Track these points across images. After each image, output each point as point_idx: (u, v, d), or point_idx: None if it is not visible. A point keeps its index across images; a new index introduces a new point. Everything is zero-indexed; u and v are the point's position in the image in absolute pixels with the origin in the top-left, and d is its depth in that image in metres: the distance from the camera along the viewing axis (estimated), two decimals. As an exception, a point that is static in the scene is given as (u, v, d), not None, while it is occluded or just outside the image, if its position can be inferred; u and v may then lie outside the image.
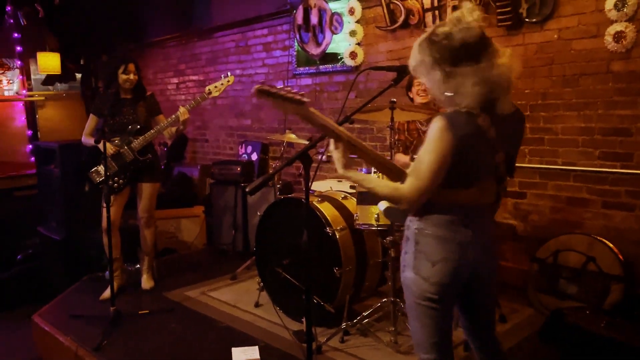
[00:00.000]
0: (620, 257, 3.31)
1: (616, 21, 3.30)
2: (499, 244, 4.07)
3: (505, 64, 1.70)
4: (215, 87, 4.01)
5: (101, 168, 3.86)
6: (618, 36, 3.29)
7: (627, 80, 3.34)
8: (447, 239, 1.77)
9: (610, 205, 3.48)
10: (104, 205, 3.82)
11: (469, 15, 1.68)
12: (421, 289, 1.78)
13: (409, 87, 3.81)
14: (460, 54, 1.66)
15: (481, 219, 1.83)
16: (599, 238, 3.41)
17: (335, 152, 1.82)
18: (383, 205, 2.05)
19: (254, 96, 1.72)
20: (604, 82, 3.44)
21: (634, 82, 3.31)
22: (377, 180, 1.85)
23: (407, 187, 1.72)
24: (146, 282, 4.16)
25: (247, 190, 1.96)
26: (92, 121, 3.99)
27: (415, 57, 1.76)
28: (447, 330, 1.86)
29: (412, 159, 1.88)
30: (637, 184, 3.34)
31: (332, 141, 1.82)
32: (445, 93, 1.72)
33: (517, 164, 3.85)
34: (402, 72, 2.06)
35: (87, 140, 3.95)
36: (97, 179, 3.89)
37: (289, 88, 1.81)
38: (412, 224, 1.83)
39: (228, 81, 4.06)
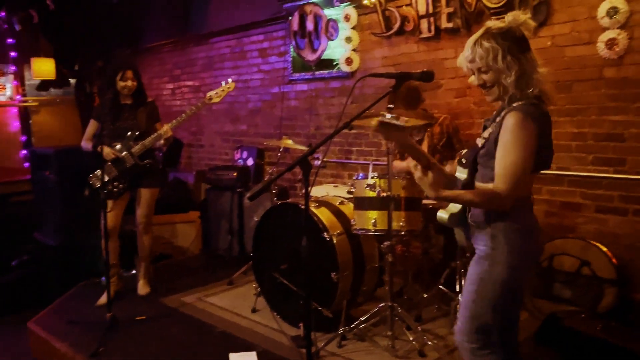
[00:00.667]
0: (614, 261, 3.35)
1: (609, 28, 3.34)
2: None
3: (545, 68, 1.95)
4: (216, 93, 4.04)
5: (100, 173, 3.86)
6: (611, 43, 3.34)
7: (620, 86, 3.38)
8: (530, 231, 1.94)
9: (604, 210, 3.52)
10: (107, 210, 3.86)
11: (522, 15, 1.91)
12: (513, 281, 1.91)
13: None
14: (522, 43, 1.89)
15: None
16: (593, 242, 3.45)
17: (425, 178, 1.87)
18: (445, 213, 2.09)
19: (375, 130, 1.84)
20: (597, 88, 3.48)
21: (626, 88, 3.36)
22: (470, 193, 1.93)
23: (503, 186, 1.82)
24: (142, 288, 4.16)
25: (247, 196, 1.99)
26: (92, 126, 4.00)
27: (477, 50, 1.89)
28: (516, 318, 2.03)
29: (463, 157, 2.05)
30: (630, 189, 3.38)
31: (419, 169, 1.87)
32: (515, 78, 1.85)
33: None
34: (401, 79, 2.08)
35: (87, 145, 3.97)
36: (97, 183, 3.89)
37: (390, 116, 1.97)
38: (497, 221, 1.91)
39: (229, 87, 4.09)
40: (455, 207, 2.07)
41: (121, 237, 4.16)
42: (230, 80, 4.12)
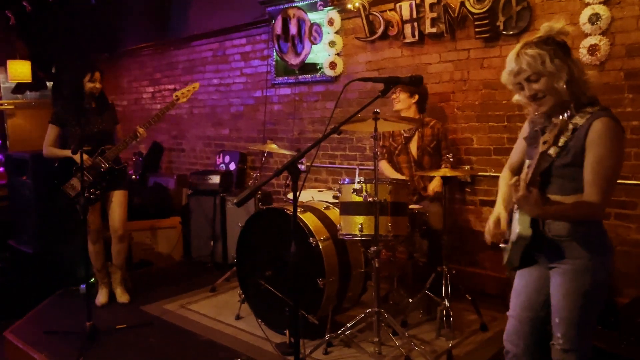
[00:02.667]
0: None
1: (590, 34, 3.39)
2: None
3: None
4: (182, 93, 4.05)
5: (75, 181, 3.78)
6: (592, 49, 3.38)
7: (601, 91, 3.41)
8: (605, 231, 1.95)
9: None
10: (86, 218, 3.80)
11: (556, 24, 1.88)
12: (608, 277, 1.94)
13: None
14: (565, 48, 1.86)
15: None
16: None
17: (531, 196, 1.77)
18: (525, 230, 1.91)
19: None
20: (579, 93, 3.52)
21: (607, 94, 3.40)
22: (566, 206, 1.86)
23: (599, 195, 1.79)
24: (122, 296, 4.08)
25: (235, 202, 1.94)
26: (54, 131, 3.86)
27: (523, 59, 1.84)
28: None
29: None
30: (613, 193, 3.42)
31: (522, 186, 1.77)
32: (566, 82, 1.81)
33: (497, 174, 3.92)
34: (389, 83, 2.07)
35: (54, 151, 3.85)
36: (72, 193, 3.80)
37: None
38: (589, 231, 1.88)
39: (194, 87, 4.12)
40: (525, 231, 1.90)
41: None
42: (192, 81, 4.15)
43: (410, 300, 3.53)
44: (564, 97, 1.84)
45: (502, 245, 2.06)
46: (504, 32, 3.75)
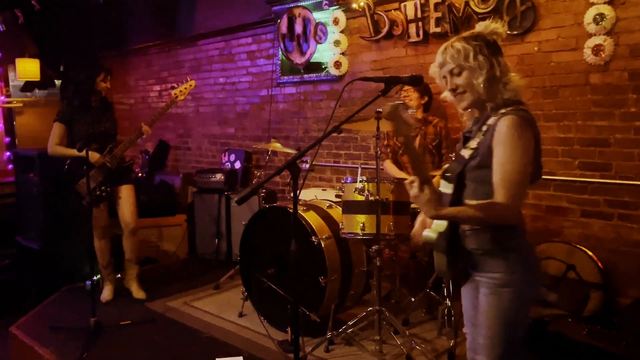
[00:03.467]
0: (600, 265, 3.38)
1: (595, 35, 3.38)
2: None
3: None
4: (180, 91, 4.10)
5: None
6: (597, 49, 3.37)
7: (605, 92, 3.42)
8: (531, 242, 1.88)
9: (589, 214, 3.54)
10: (94, 215, 3.92)
11: (492, 23, 1.86)
12: (534, 296, 1.88)
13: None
14: (494, 47, 1.83)
15: None
16: (578, 246, 3.47)
17: (423, 195, 1.71)
18: (432, 233, 1.88)
19: (385, 115, 1.79)
20: (583, 93, 3.51)
21: (611, 94, 3.39)
22: (471, 208, 1.75)
23: (506, 197, 1.68)
24: (138, 292, 4.12)
25: (235, 200, 1.95)
26: (60, 130, 3.91)
27: (448, 52, 1.83)
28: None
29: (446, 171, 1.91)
30: (615, 194, 3.41)
31: (415, 185, 1.72)
32: (486, 80, 1.79)
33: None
34: (389, 83, 2.08)
35: (61, 150, 3.89)
36: (84, 191, 3.84)
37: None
38: (508, 243, 1.79)
39: (190, 85, 4.16)
40: (442, 226, 1.87)
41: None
42: (188, 79, 4.21)
43: (412, 299, 3.55)
44: (482, 95, 1.81)
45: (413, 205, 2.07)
46: (508, 32, 3.74)
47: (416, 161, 1.77)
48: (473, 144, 1.83)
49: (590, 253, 3.42)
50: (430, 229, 1.91)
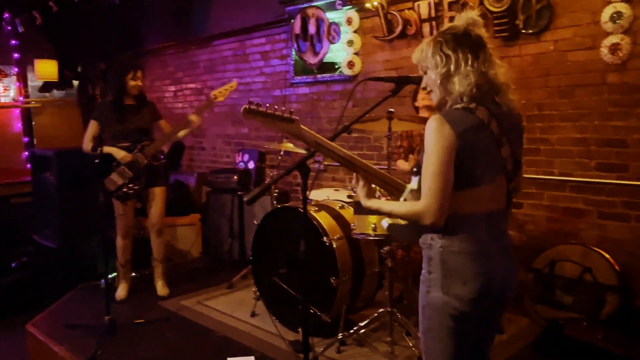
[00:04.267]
0: (617, 267, 3.32)
1: (612, 33, 3.32)
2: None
3: (505, 67, 1.78)
4: (220, 92, 4.06)
5: (115, 177, 3.89)
6: (614, 48, 3.31)
7: (622, 91, 3.36)
8: (476, 254, 1.70)
9: (606, 216, 3.49)
10: (119, 213, 3.95)
11: (473, 13, 1.78)
12: (453, 309, 1.70)
13: (414, 97, 3.90)
14: (462, 41, 1.72)
15: (501, 227, 1.80)
16: (595, 248, 3.42)
17: (357, 186, 1.88)
18: (386, 222, 1.94)
19: (244, 117, 1.71)
20: (600, 93, 3.46)
21: (628, 94, 3.33)
22: (393, 204, 1.80)
23: (423, 199, 1.65)
24: (161, 289, 4.18)
25: (245, 199, 1.97)
26: (94, 127, 3.98)
27: (417, 50, 1.80)
28: (467, 351, 1.79)
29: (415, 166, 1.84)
30: (633, 195, 3.35)
31: (356, 176, 1.88)
32: (440, 77, 1.73)
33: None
34: (400, 82, 2.07)
35: (89, 146, 3.94)
36: (112, 187, 3.90)
37: (276, 107, 1.85)
38: (435, 243, 1.73)
39: (231, 86, 4.13)
40: (401, 220, 1.87)
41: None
42: (233, 80, 4.20)
43: (425, 301, 3.51)
44: (441, 93, 1.76)
45: None
46: (524, 31, 3.70)
47: (338, 157, 1.89)
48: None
49: (606, 255, 3.37)
50: (392, 218, 1.93)
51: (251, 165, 5.76)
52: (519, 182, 1.82)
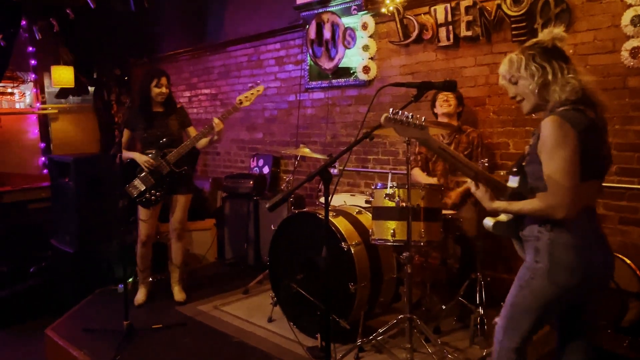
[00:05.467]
0: (639, 273, 3.27)
1: (633, 37, 3.28)
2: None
3: (590, 75, 1.98)
4: (246, 97, 4.01)
5: (138, 182, 3.92)
6: (635, 52, 3.27)
7: (638, 96, 3.32)
8: (581, 247, 1.88)
9: (628, 222, 3.44)
10: (141, 219, 3.97)
11: (555, 29, 1.99)
12: (552, 294, 1.91)
13: (433, 104, 3.90)
14: (553, 54, 1.93)
15: (597, 220, 2.00)
16: (616, 254, 3.37)
17: (478, 191, 2.01)
18: (490, 221, 2.08)
19: (384, 124, 1.87)
20: (621, 97, 3.42)
21: (649, 98, 3.29)
22: (519, 203, 1.94)
23: (551, 195, 1.82)
24: (178, 294, 4.19)
25: (267, 206, 1.96)
26: (127, 135, 4.05)
27: (506, 62, 2.00)
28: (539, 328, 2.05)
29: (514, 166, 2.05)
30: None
31: (471, 182, 2.01)
32: (538, 86, 1.91)
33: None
34: (422, 88, 2.06)
35: (125, 154, 3.98)
36: (134, 193, 3.93)
37: (409, 114, 1.97)
38: (542, 235, 1.90)
39: (258, 90, 4.07)
40: (505, 216, 2.05)
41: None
42: (259, 82, 4.14)
43: (443, 307, 3.49)
44: (537, 100, 1.94)
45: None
46: (542, 35, 3.67)
47: (456, 162, 1.96)
48: (531, 140, 1.97)
49: (628, 261, 3.31)
50: (493, 217, 2.09)
51: (266, 170, 5.77)
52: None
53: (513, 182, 2.01)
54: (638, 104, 3.34)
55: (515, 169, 2.00)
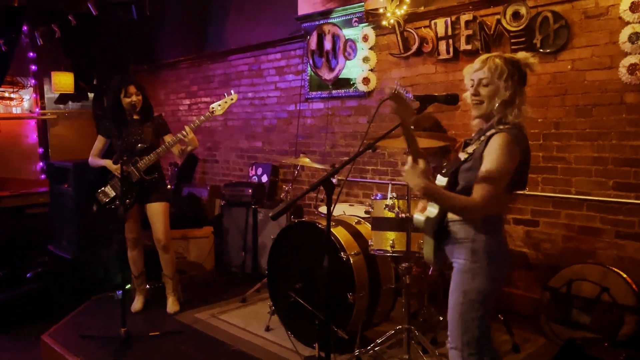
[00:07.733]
0: (635, 287, 3.29)
1: (630, 53, 3.33)
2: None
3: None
4: (219, 105, 3.96)
5: (108, 189, 3.96)
6: (632, 68, 3.32)
7: (637, 112, 3.36)
8: (504, 244, 2.16)
9: (624, 236, 3.47)
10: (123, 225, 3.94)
11: (531, 58, 2.11)
12: (493, 290, 2.09)
13: None
14: (523, 78, 2.11)
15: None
16: (613, 268, 3.40)
17: (417, 167, 2.00)
18: (423, 216, 2.19)
19: (390, 97, 1.92)
20: (618, 113, 3.47)
21: (646, 114, 3.34)
22: (452, 194, 2.06)
23: (479, 198, 1.97)
24: (171, 306, 4.14)
25: (270, 215, 1.97)
26: (99, 142, 4.05)
27: (488, 63, 2.08)
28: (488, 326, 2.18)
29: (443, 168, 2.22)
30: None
31: (410, 159, 2.02)
32: (501, 101, 2.06)
33: (530, 192, 3.88)
34: (425, 101, 2.09)
35: (95, 161, 3.99)
36: (104, 199, 3.96)
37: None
38: (478, 237, 2.07)
39: (232, 99, 4.01)
40: (432, 213, 2.16)
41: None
42: (232, 92, 4.06)
43: (441, 318, 3.50)
44: (494, 111, 2.08)
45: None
46: (541, 50, 3.73)
47: (411, 141, 1.99)
48: (470, 149, 2.13)
49: (624, 275, 3.34)
50: (423, 213, 2.24)
51: (264, 179, 5.79)
52: None
53: (441, 182, 2.15)
54: (635, 119, 3.39)
55: (444, 171, 2.16)
